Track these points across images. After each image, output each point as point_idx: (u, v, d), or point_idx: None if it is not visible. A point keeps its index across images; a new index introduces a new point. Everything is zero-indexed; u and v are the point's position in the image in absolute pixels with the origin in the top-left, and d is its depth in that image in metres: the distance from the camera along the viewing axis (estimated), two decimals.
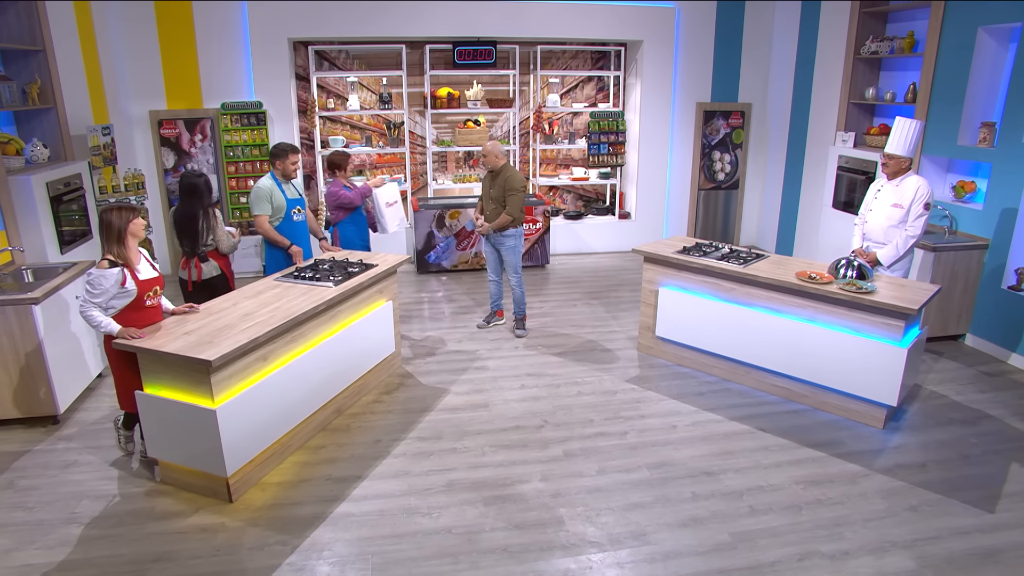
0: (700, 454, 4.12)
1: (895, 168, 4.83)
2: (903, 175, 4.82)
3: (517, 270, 5.86)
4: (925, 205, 4.69)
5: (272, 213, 4.97)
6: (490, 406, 4.72)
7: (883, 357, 4.23)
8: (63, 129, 5.66)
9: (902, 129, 4.78)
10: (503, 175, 5.59)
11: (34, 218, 4.99)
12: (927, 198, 4.70)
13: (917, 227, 4.73)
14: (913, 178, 4.79)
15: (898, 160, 4.80)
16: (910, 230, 4.75)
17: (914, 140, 4.76)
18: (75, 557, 3.26)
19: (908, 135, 4.74)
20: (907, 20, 6.52)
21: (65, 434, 4.37)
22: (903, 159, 4.78)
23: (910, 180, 4.78)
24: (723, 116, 8.57)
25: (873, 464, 4.01)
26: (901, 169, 4.81)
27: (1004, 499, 3.69)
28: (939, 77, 5.89)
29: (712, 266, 4.96)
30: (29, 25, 5.34)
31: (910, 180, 4.78)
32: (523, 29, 7.79)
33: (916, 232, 4.74)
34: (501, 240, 5.72)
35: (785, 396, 4.82)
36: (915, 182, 4.76)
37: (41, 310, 4.25)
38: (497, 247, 5.81)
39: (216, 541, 3.39)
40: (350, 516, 3.57)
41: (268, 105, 7.42)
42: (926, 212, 4.70)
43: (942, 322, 5.65)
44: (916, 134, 4.75)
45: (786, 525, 3.47)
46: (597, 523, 3.49)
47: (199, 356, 3.35)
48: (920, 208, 4.70)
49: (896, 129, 4.82)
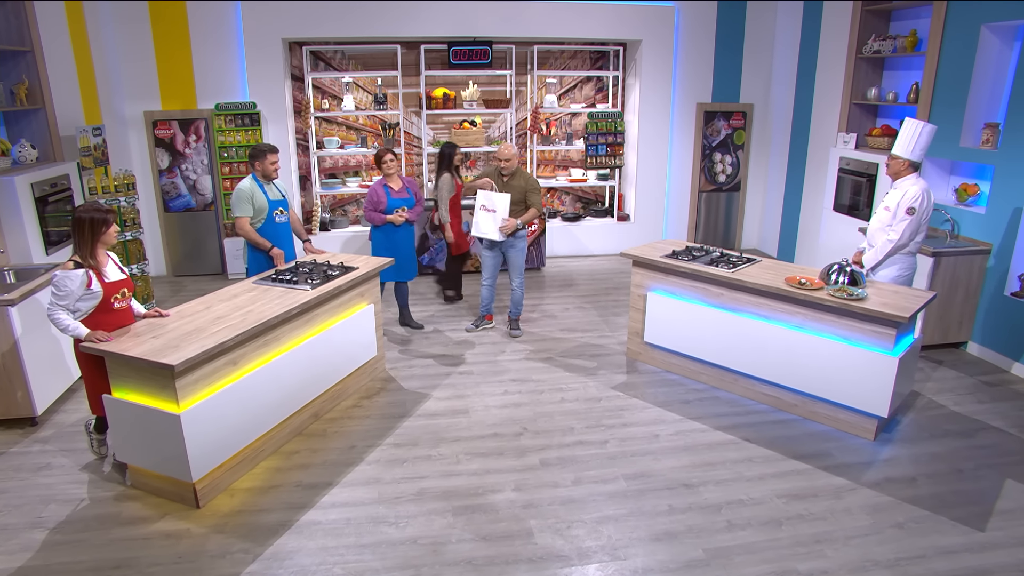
0: (681, 465, 4.00)
1: (895, 169, 4.69)
2: (902, 177, 4.67)
3: (521, 271, 5.87)
4: (908, 210, 4.52)
5: (254, 215, 4.92)
6: (470, 412, 4.63)
7: (874, 366, 4.09)
8: (52, 130, 5.67)
9: (909, 131, 4.63)
10: (519, 175, 5.66)
11: (18, 219, 4.99)
12: (913, 203, 4.51)
13: (897, 231, 4.56)
14: (907, 180, 4.64)
15: (897, 161, 4.66)
16: (891, 234, 4.60)
17: (918, 143, 4.59)
18: (35, 563, 3.22)
19: (913, 137, 4.59)
20: (910, 18, 6.35)
21: (41, 436, 4.35)
22: (902, 161, 4.64)
23: (904, 183, 4.64)
24: (724, 117, 8.42)
25: (861, 478, 3.87)
26: (900, 171, 4.67)
27: (996, 517, 3.53)
28: (941, 77, 5.71)
29: (700, 271, 4.84)
30: (18, 26, 5.35)
31: (904, 183, 4.64)
32: (520, 29, 7.70)
33: (895, 237, 4.57)
34: (513, 241, 5.74)
35: (774, 405, 4.69)
36: (906, 185, 4.61)
37: (17, 312, 4.23)
38: (507, 249, 5.76)
39: (179, 548, 3.33)
40: (316, 524, 3.50)
41: (262, 106, 7.39)
42: (908, 217, 4.52)
43: (942, 329, 5.48)
44: (924, 138, 4.58)
45: (764, 541, 3.35)
46: (567, 536, 3.39)
47: (162, 360, 3.30)
48: (903, 213, 4.54)
49: (903, 130, 4.68)
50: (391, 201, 5.69)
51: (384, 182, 5.74)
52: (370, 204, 5.71)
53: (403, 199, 5.75)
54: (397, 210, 5.68)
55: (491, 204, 5.57)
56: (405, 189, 5.81)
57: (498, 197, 5.53)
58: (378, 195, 5.69)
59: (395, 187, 5.75)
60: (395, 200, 5.71)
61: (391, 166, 5.67)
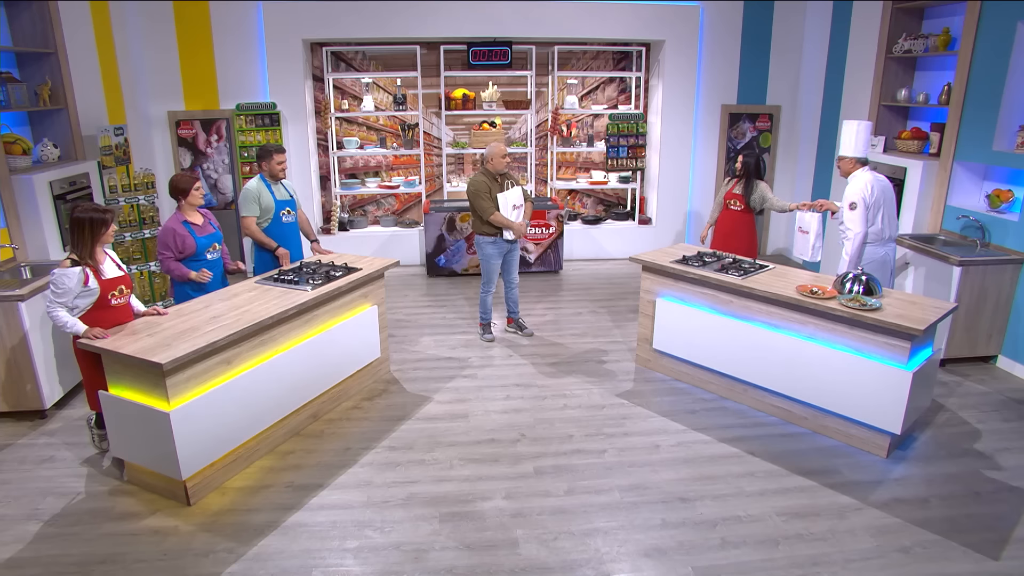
0: (679, 478, 3.87)
1: (845, 169, 4.89)
2: (851, 174, 4.86)
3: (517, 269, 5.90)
4: (851, 205, 4.73)
5: (260, 215, 4.95)
6: (469, 417, 4.57)
7: (887, 380, 3.89)
8: (74, 129, 5.80)
9: (850, 132, 4.84)
10: (509, 177, 5.60)
11: (36, 216, 5.11)
12: (854, 197, 4.71)
13: (849, 226, 4.75)
14: (855, 175, 4.83)
15: (846, 161, 4.88)
16: (847, 233, 4.78)
17: (859, 140, 4.79)
18: (24, 555, 3.27)
19: (856, 137, 4.80)
20: (944, 16, 6.06)
21: (48, 429, 4.45)
22: (850, 160, 4.85)
23: (852, 179, 4.84)
24: (750, 119, 8.19)
25: (868, 497, 3.68)
26: (850, 169, 4.87)
27: (1012, 544, 3.32)
28: (974, 76, 5.43)
29: (709, 277, 4.69)
30: (42, 28, 5.49)
31: (852, 179, 4.84)
32: (540, 29, 7.62)
33: (850, 232, 4.74)
34: (521, 241, 5.71)
35: (784, 418, 4.51)
36: (853, 180, 4.82)
37: (27, 307, 4.33)
38: (513, 249, 5.71)
39: (165, 545, 3.35)
40: (302, 526, 3.48)
41: (282, 106, 7.47)
42: (851, 211, 4.72)
43: (969, 342, 5.20)
44: (864, 134, 4.80)
45: (757, 561, 3.20)
46: (553, 547, 3.30)
47: (151, 359, 3.32)
48: (847, 209, 4.76)
49: (845, 132, 4.88)
50: (199, 240, 4.43)
51: (182, 217, 4.40)
52: (167, 249, 4.32)
53: (209, 235, 4.52)
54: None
55: (519, 201, 5.57)
56: (209, 222, 4.59)
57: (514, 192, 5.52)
58: (177, 235, 4.31)
59: (196, 221, 4.48)
60: (203, 238, 4.46)
61: (196, 197, 4.44)
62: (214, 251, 4.54)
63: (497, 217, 5.41)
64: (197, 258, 4.42)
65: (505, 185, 5.53)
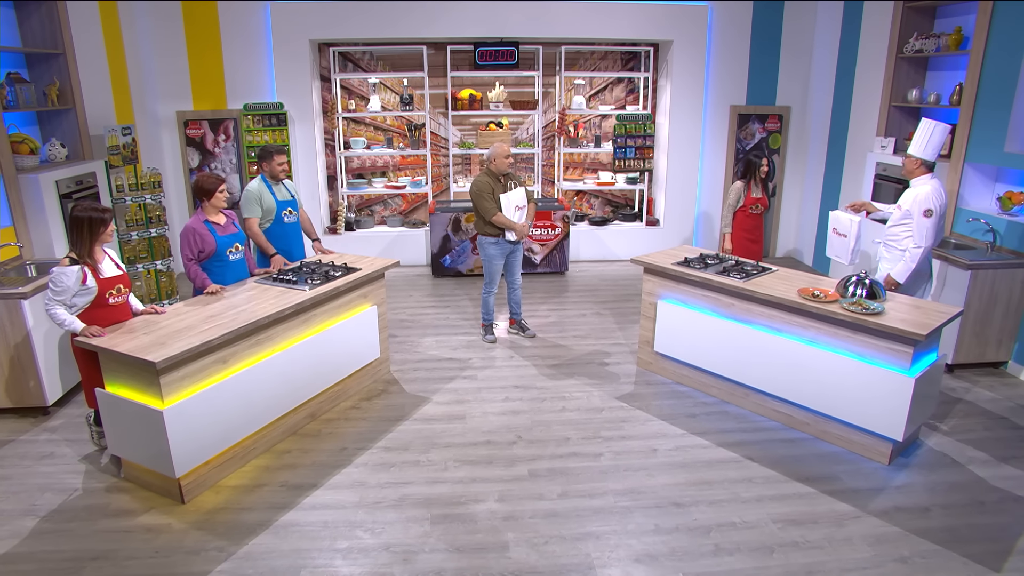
0: (675, 482, 3.82)
1: (908, 169, 4.65)
2: (915, 177, 4.60)
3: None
4: (925, 212, 4.41)
5: (262, 215, 4.97)
6: (466, 418, 4.56)
7: (889, 386, 3.82)
8: (82, 129, 5.86)
9: (923, 131, 4.54)
10: (512, 177, 5.57)
11: (42, 215, 5.17)
12: (928, 204, 4.41)
13: (921, 236, 4.44)
14: (920, 180, 4.56)
15: (911, 160, 4.59)
16: (917, 240, 4.47)
17: (931, 143, 4.51)
18: (19, 551, 3.30)
19: (927, 137, 4.50)
20: (956, 15, 5.95)
21: (50, 425, 4.49)
22: (915, 160, 4.57)
23: (917, 183, 4.57)
24: (759, 120, 8.11)
25: (868, 505, 3.61)
26: (913, 171, 4.59)
27: (1016, 556, 3.24)
28: (986, 76, 5.33)
29: (710, 279, 4.63)
30: (51, 29, 5.55)
31: (917, 183, 4.57)
32: (547, 29, 7.59)
33: (920, 242, 4.45)
34: (526, 242, 5.66)
35: (785, 423, 4.44)
36: (919, 185, 4.54)
37: (30, 304, 4.37)
38: (516, 250, 5.68)
39: (157, 542, 3.36)
40: (294, 526, 3.48)
41: (289, 106, 7.50)
42: (927, 220, 4.41)
43: (979, 347, 5.10)
44: (938, 137, 4.50)
45: (750, 569, 3.15)
46: (543, 551, 3.27)
47: (145, 357, 3.34)
48: (919, 216, 4.44)
49: (919, 130, 4.57)
50: (220, 239, 4.40)
51: (204, 217, 4.38)
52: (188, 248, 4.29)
53: (231, 235, 4.49)
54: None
55: (521, 202, 5.53)
56: (232, 223, 4.56)
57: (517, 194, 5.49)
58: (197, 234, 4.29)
59: (219, 221, 4.45)
60: (224, 237, 4.43)
61: (220, 199, 4.39)
62: (236, 251, 4.55)
63: (499, 218, 5.38)
64: (219, 258, 4.43)
65: (508, 186, 5.50)
